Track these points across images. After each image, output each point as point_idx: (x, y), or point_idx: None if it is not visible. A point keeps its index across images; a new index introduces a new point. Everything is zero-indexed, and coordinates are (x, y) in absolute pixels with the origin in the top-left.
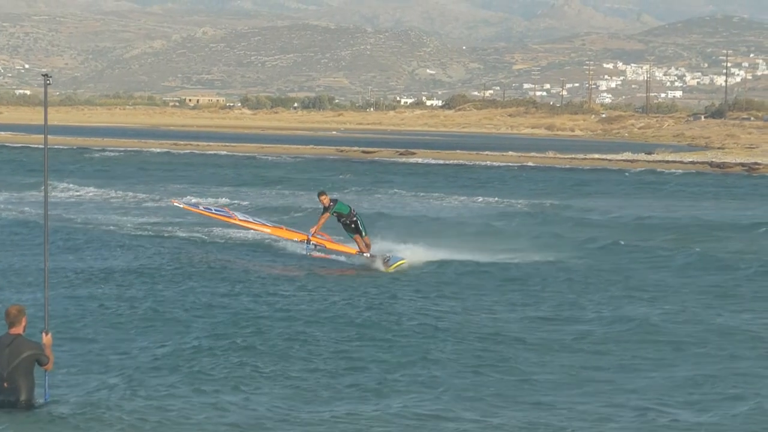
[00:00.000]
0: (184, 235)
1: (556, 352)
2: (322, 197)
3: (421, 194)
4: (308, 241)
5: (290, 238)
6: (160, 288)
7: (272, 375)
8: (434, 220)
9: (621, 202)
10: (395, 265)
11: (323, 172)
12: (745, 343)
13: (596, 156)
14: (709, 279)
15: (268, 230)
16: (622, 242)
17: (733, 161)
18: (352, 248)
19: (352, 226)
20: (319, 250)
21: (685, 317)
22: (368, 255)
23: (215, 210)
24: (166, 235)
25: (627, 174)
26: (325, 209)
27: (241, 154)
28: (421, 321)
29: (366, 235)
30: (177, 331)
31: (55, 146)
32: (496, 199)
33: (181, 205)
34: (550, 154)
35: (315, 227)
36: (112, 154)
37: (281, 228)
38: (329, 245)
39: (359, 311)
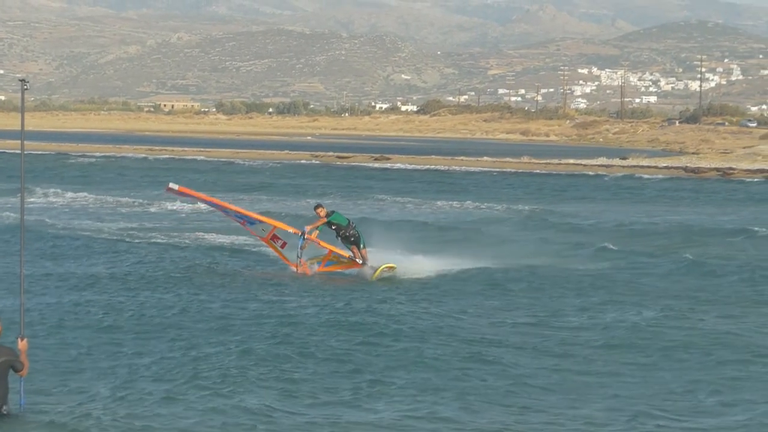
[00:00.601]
0: (166, 240)
1: (553, 357)
2: (319, 210)
3: (405, 200)
4: (302, 235)
5: (284, 229)
6: (145, 293)
7: (264, 378)
8: (423, 225)
9: (603, 206)
10: (380, 269)
11: (305, 178)
12: (732, 348)
13: (571, 161)
14: (698, 283)
15: (262, 219)
16: (613, 247)
17: (708, 166)
18: (345, 252)
19: (351, 239)
20: (308, 256)
21: (686, 323)
22: (366, 265)
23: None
24: (151, 240)
25: (606, 178)
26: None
27: (218, 159)
28: (414, 325)
29: (364, 247)
30: (162, 337)
31: (33, 152)
32: (476, 204)
33: (176, 187)
34: (525, 159)
35: (310, 226)
36: (91, 160)
37: (275, 220)
38: (322, 243)
39: (347, 315)
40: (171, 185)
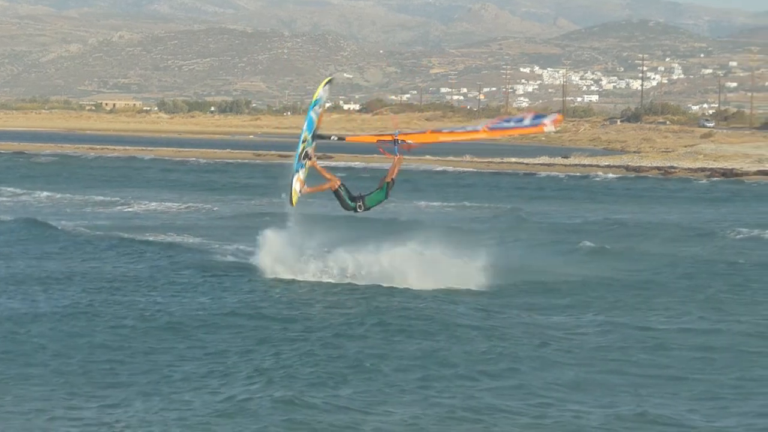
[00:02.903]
0: (141, 237)
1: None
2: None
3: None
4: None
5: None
6: (121, 293)
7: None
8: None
9: (572, 206)
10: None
11: (270, 178)
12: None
13: (513, 160)
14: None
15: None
16: (608, 246)
17: (649, 165)
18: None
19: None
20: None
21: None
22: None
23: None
24: (124, 237)
25: (564, 178)
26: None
27: (170, 158)
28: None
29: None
30: (119, 333)
31: None
32: (443, 203)
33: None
34: (467, 157)
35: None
36: (49, 158)
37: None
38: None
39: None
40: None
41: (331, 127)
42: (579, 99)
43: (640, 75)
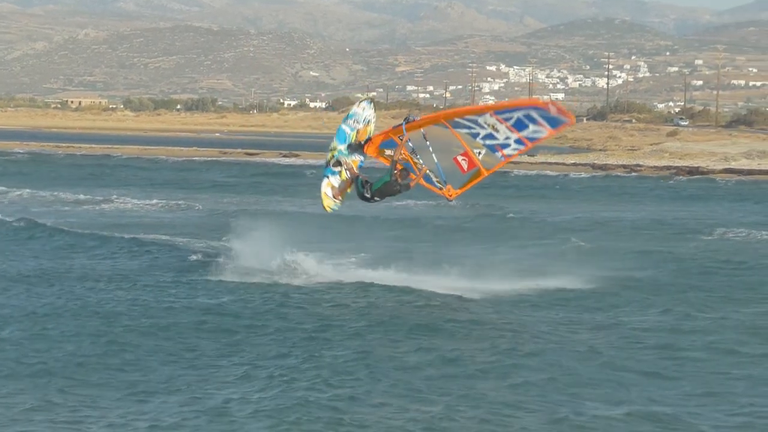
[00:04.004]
0: (120, 235)
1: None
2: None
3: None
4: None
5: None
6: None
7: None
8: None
9: (555, 205)
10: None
11: (253, 176)
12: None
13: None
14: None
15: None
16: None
17: (615, 163)
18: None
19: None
20: None
21: None
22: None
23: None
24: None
25: (540, 177)
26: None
27: (143, 156)
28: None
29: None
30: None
31: None
32: (416, 201)
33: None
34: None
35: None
36: (21, 156)
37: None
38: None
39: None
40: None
41: (298, 125)
42: (545, 97)
43: (606, 73)
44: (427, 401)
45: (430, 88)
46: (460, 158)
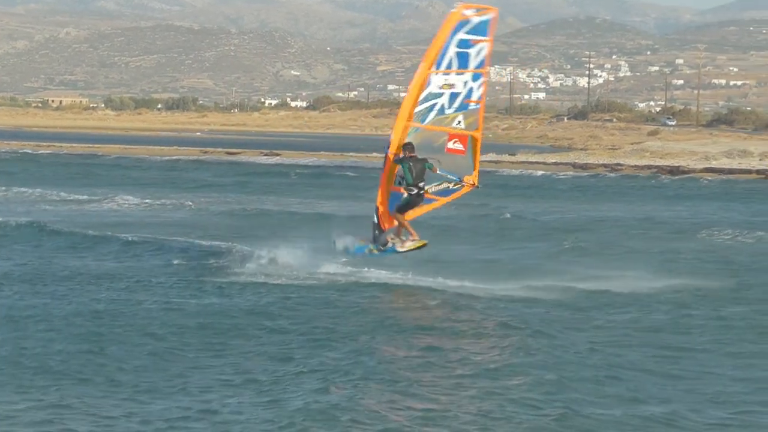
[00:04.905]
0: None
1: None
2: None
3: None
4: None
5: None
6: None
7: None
8: None
9: (546, 204)
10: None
11: (246, 176)
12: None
13: None
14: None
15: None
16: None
17: (596, 162)
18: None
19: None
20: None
21: None
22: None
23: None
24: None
25: (522, 176)
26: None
27: (130, 156)
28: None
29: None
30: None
31: None
32: None
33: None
34: None
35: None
36: (6, 155)
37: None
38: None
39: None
40: None
41: (278, 124)
42: (526, 96)
43: (587, 72)
44: (427, 400)
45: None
46: (450, 144)
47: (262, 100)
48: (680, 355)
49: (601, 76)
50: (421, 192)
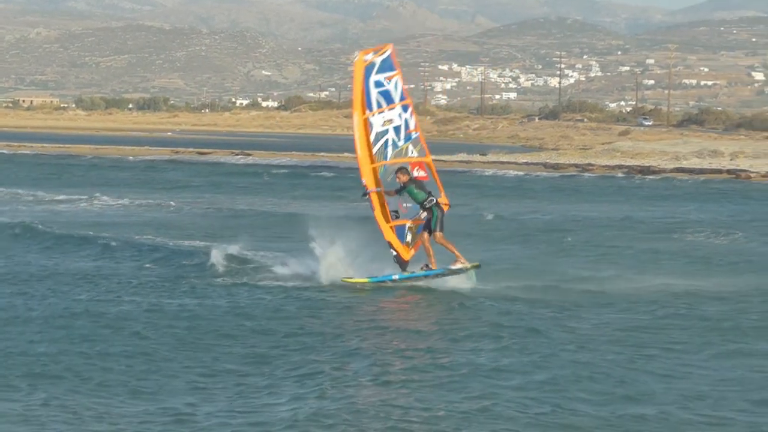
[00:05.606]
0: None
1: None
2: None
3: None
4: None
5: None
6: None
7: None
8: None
9: (526, 204)
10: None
11: (221, 176)
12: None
13: (432, 157)
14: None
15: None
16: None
17: (567, 162)
18: (402, 245)
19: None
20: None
21: None
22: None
23: None
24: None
25: (495, 176)
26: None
27: (110, 156)
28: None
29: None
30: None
31: None
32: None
33: None
34: None
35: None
36: None
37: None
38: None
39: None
40: None
41: (250, 124)
42: (497, 96)
43: (558, 72)
44: (418, 401)
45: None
46: (415, 172)
47: (234, 100)
48: (666, 354)
49: (572, 76)
50: (436, 200)
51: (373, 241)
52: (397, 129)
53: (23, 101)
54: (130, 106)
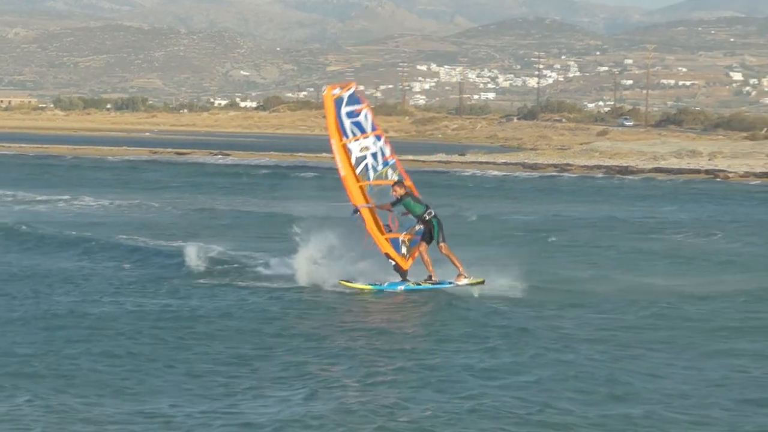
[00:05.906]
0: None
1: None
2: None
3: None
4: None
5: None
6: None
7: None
8: None
9: (507, 205)
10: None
11: (202, 176)
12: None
13: (410, 158)
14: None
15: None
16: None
17: (546, 162)
18: (399, 256)
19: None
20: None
21: None
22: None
23: None
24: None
25: (475, 177)
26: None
27: (85, 156)
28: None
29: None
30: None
31: None
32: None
33: None
34: None
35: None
36: None
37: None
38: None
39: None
40: None
41: (228, 124)
42: (476, 96)
43: (537, 73)
44: (410, 401)
45: (361, 87)
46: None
47: (212, 100)
48: (650, 353)
49: (550, 76)
50: (433, 212)
51: (356, 242)
52: (374, 155)
53: (1, 101)
54: (109, 106)
